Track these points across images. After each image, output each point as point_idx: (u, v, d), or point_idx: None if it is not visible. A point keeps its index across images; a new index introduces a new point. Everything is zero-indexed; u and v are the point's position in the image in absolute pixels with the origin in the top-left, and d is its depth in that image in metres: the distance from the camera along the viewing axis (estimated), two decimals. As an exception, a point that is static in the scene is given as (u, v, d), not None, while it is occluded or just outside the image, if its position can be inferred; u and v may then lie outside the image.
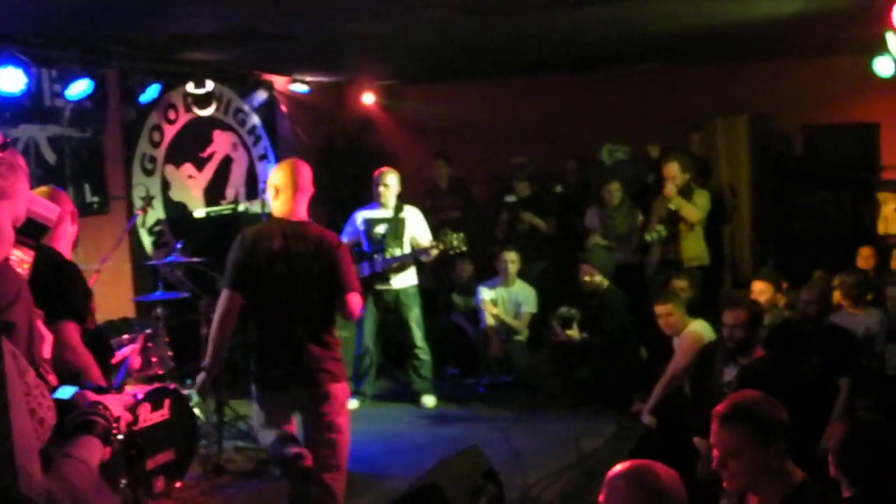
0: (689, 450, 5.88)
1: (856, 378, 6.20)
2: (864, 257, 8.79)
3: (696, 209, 8.96)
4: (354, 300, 5.11)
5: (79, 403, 2.69)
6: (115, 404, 2.72)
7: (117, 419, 2.69)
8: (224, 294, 5.17)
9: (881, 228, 10.57)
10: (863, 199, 10.40)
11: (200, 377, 5.40)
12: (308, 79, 11.38)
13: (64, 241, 4.34)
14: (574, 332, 8.67)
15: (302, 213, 5.21)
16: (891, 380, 6.17)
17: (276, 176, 5.20)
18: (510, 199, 10.45)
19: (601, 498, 2.94)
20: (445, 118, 11.74)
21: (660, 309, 7.22)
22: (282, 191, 5.16)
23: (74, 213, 4.47)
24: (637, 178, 10.18)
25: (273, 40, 8.35)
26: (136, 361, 6.70)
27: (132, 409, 2.84)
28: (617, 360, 8.45)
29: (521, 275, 9.52)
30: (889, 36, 7.48)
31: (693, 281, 8.59)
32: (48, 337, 3.18)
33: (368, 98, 12.32)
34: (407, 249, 8.59)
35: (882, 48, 7.93)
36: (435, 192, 10.71)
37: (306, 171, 5.23)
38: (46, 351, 3.12)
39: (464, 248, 8.56)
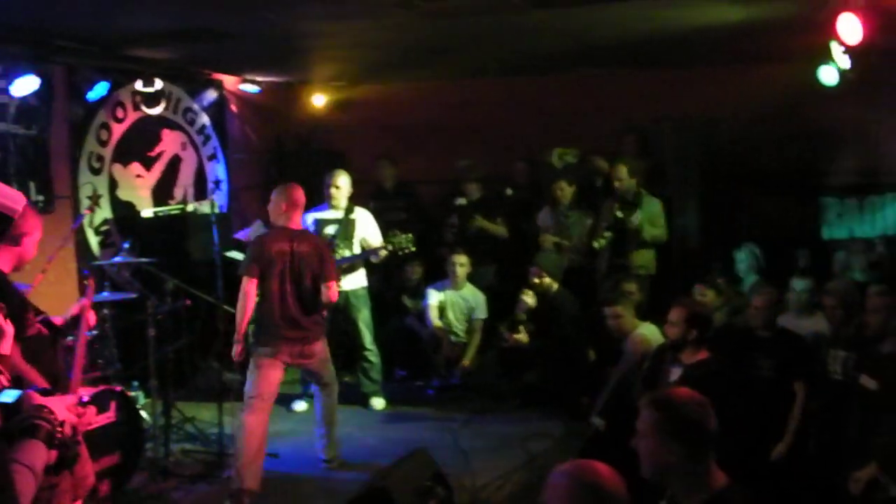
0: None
1: (809, 382, 6.29)
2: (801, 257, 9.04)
3: (657, 230, 9.07)
4: (334, 287, 6.92)
5: (23, 407, 2.66)
6: (60, 407, 2.68)
7: (62, 423, 2.65)
8: (245, 281, 6.74)
9: (826, 233, 10.75)
10: (808, 205, 10.55)
11: (237, 349, 6.85)
12: (258, 79, 11.31)
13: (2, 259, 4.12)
14: (522, 336, 8.72)
15: (299, 223, 7.08)
16: (835, 384, 6.26)
17: (283, 197, 6.93)
18: (461, 201, 10.44)
19: (544, 497, 2.96)
20: (396, 119, 11.72)
21: (610, 310, 7.28)
22: (288, 208, 6.90)
23: (24, 237, 4.18)
24: (587, 183, 10.23)
25: (223, 39, 8.29)
26: (93, 318, 6.56)
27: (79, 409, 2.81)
28: (565, 362, 8.50)
29: (471, 278, 9.54)
30: (833, 45, 7.60)
31: (641, 285, 8.67)
32: (8, 331, 3.12)
33: (319, 99, 12.28)
34: (357, 250, 8.58)
35: (827, 57, 8.05)
36: (380, 193, 10.66)
37: (301, 192, 7.01)
38: (6, 347, 3.06)
39: (412, 249, 8.57)
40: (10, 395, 2.71)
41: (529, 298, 8.80)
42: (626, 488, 2.93)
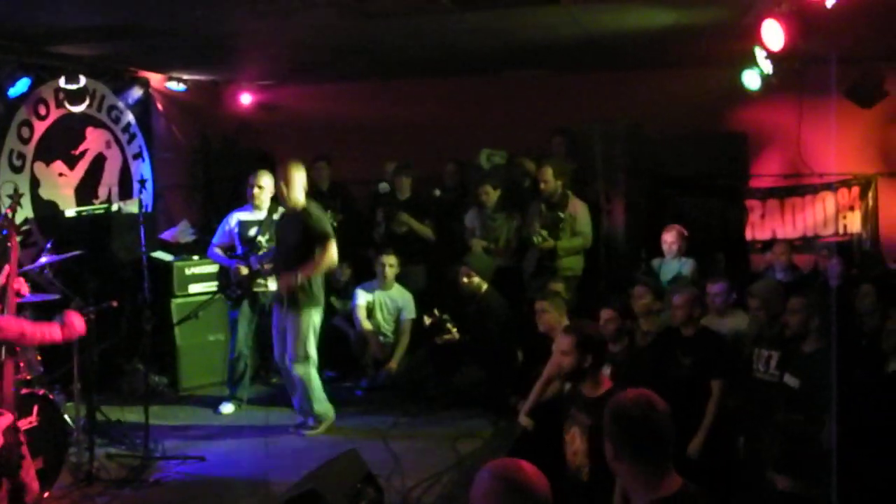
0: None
1: (727, 380, 6.41)
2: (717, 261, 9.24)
3: (579, 238, 9.12)
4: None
5: None
6: None
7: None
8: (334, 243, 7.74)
9: (749, 234, 10.96)
10: (732, 206, 10.73)
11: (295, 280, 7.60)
12: (185, 77, 11.19)
13: None
14: (452, 335, 8.73)
15: None
16: (758, 382, 6.39)
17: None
18: (383, 187, 10.34)
19: (471, 494, 3.00)
20: (324, 119, 11.67)
21: (539, 304, 7.32)
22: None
23: None
24: (514, 183, 10.27)
25: (149, 36, 8.19)
26: (24, 287, 6.44)
27: (9, 431, 2.76)
28: (494, 362, 8.53)
29: (400, 278, 9.53)
30: (757, 50, 7.75)
31: (568, 286, 8.75)
32: None
33: (246, 98, 12.19)
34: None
35: (750, 62, 8.21)
36: (316, 194, 10.56)
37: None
38: None
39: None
40: None
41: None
42: (550, 487, 2.96)
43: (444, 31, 8.30)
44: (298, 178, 7.77)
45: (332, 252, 7.75)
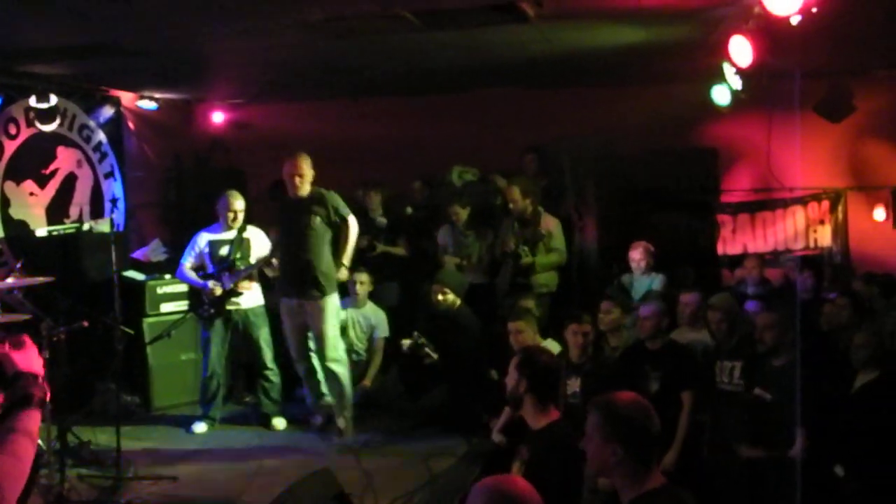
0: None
1: (696, 393, 6.45)
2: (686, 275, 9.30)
3: (553, 255, 9.13)
4: None
5: (13, 374, 2.69)
6: (38, 364, 2.72)
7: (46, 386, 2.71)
8: None
9: (720, 249, 11.02)
10: (703, 221, 10.78)
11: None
12: (157, 95, 11.16)
13: None
14: (432, 358, 8.72)
15: None
16: (723, 394, 6.44)
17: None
18: (380, 222, 10.35)
19: None
20: (296, 137, 11.61)
21: (512, 325, 7.33)
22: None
23: None
24: (485, 201, 10.30)
25: (120, 55, 8.17)
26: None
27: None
28: (467, 379, 8.52)
29: (374, 296, 9.52)
30: (726, 66, 7.83)
31: (540, 301, 8.75)
32: None
33: (218, 116, 12.17)
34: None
35: (720, 77, 8.28)
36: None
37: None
38: None
39: None
40: None
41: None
42: None
43: (414, 49, 8.33)
44: (309, 168, 8.09)
45: (354, 228, 8.15)
